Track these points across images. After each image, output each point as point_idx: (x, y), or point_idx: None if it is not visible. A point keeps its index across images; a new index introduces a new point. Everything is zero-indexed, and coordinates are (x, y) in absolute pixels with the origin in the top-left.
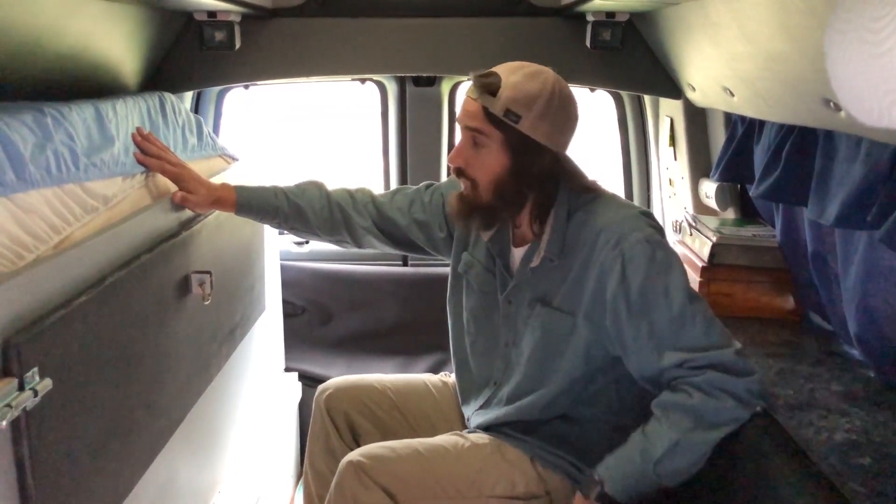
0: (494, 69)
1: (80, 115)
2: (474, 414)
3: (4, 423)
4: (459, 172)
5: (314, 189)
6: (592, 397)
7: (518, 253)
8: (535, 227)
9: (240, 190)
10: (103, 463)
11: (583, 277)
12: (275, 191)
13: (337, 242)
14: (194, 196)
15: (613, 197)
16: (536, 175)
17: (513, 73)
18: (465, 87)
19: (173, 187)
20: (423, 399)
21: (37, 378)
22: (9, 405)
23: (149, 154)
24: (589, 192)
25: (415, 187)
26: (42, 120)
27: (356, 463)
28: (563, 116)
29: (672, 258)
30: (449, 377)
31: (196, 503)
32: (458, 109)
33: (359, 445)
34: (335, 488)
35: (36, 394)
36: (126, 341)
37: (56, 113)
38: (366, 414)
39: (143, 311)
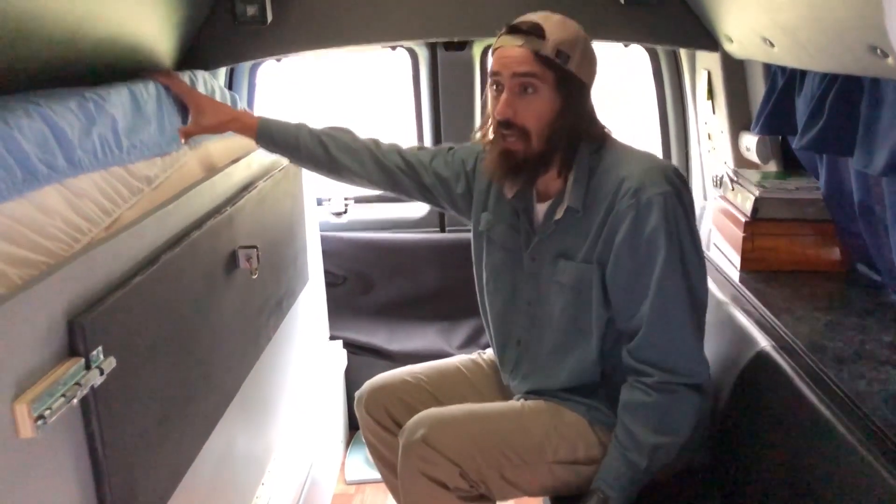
0: (528, 17)
1: (118, 98)
2: (516, 382)
3: (75, 401)
4: (508, 125)
5: (338, 130)
6: None
7: (542, 208)
8: (564, 174)
9: (262, 117)
10: (166, 435)
11: (603, 226)
12: (297, 124)
13: (357, 179)
14: (205, 119)
15: (632, 148)
16: (584, 115)
17: (547, 19)
18: None
19: (212, 164)
20: (458, 383)
21: (101, 357)
22: (78, 383)
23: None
24: (604, 140)
25: (438, 147)
26: (85, 105)
27: (419, 438)
28: (594, 58)
29: (681, 221)
30: (481, 355)
31: (253, 471)
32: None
33: None
34: (404, 468)
35: (102, 372)
36: (181, 317)
37: (97, 97)
38: (404, 408)
39: (195, 286)
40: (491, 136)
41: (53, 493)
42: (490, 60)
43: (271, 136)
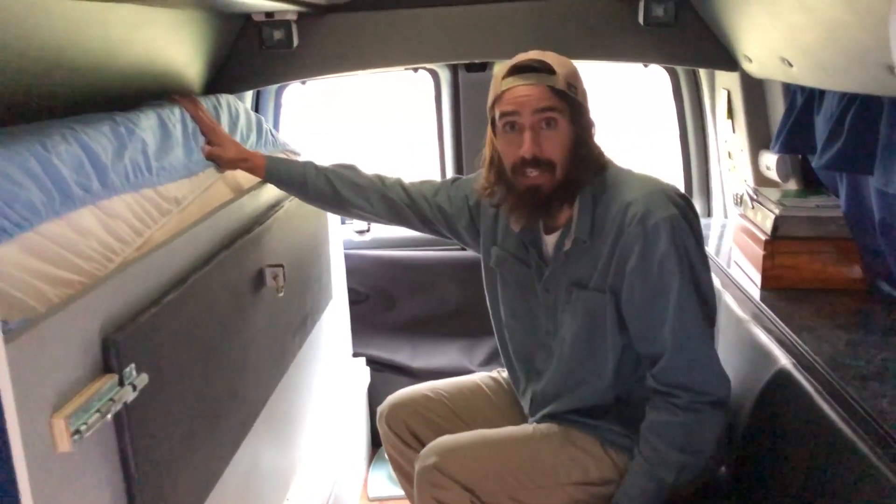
0: (529, 56)
1: (146, 122)
2: (531, 410)
3: (109, 416)
4: (536, 161)
5: (343, 167)
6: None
7: (550, 240)
8: (569, 204)
9: (270, 157)
10: (195, 450)
11: (612, 254)
12: (304, 163)
13: (363, 214)
14: (223, 151)
15: (632, 172)
16: (592, 142)
17: (545, 56)
18: None
19: (238, 185)
20: (478, 399)
21: (134, 374)
22: (112, 399)
23: (181, 101)
24: (605, 165)
25: (441, 180)
26: (117, 129)
27: (431, 465)
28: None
29: (689, 243)
30: (501, 373)
31: (278, 486)
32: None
33: None
34: (418, 493)
35: (135, 388)
36: (210, 335)
37: (128, 122)
38: (425, 423)
39: (223, 305)
40: (493, 177)
41: None
42: (497, 105)
43: (279, 176)
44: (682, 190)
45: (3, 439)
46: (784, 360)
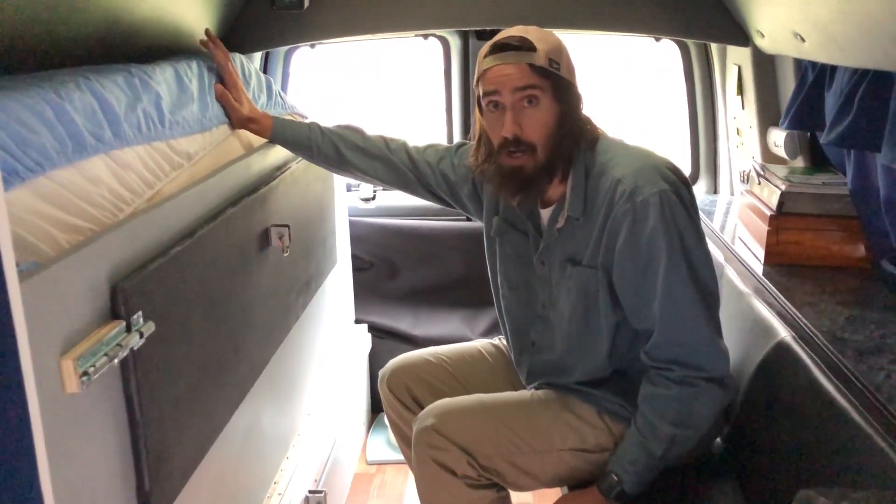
0: (509, 33)
1: (162, 76)
2: (527, 381)
3: (116, 361)
4: (517, 141)
5: (348, 129)
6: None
7: (545, 214)
8: (563, 179)
9: (277, 118)
10: (198, 401)
11: (603, 231)
12: (310, 125)
13: (366, 178)
14: (238, 105)
15: (625, 145)
16: (579, 117)
17: (527, 32)
18: None
19: (249, 143)
20: (479, 365)
21: (141, 321)
22: (119, 345)
23: (216, 50)
24: (597, 139)
25: (446, 145)
26: (132, 81)
27: (429, 426)
28: (573, 61)
29: (679, 217)
30: (502, 340)
31: (278, 445)
32: None
33: None
34: (415, 454)
35: (141, 335)
36: (216, 289)
37: (143, 74)
38: (425, 387)
39: (229, 261)
40: (482, 156)
41: (94, 448)
42: (480, 84)
43: (285, 137)
44: (690, 166)
45: (18, 378)
46: (784, 332)
